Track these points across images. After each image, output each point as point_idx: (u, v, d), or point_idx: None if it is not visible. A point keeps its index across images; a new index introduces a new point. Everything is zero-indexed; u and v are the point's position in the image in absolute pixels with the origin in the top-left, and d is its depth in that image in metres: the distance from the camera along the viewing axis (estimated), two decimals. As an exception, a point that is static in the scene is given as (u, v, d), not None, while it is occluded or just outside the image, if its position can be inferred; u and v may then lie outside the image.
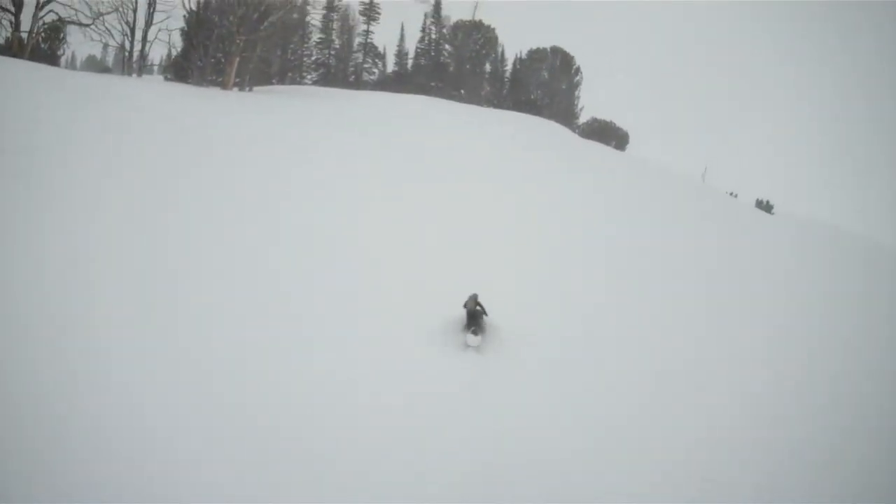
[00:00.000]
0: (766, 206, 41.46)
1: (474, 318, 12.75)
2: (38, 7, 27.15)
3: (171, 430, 8.06)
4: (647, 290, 15.78)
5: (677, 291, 16.14)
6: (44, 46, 28.51)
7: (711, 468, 9.71)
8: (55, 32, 29.03)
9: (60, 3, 28.02)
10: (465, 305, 12.91)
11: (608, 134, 50.00)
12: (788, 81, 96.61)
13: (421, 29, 48.66)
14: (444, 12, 49.93)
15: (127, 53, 30.83)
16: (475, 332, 12.57)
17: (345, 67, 46.40)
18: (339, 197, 16.42)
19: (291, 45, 42.37)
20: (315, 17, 43.61)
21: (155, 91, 22.68)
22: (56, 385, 8.00)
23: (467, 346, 12.48)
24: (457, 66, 47.83)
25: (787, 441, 10.76)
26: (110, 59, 48.43)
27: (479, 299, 12.89)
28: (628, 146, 51.48)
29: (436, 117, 29.67)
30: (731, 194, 40.15)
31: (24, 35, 26.88)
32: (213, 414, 8.55)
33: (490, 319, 12.82)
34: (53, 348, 8.60)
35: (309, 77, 44.77)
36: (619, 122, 52.72)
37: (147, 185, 13.88)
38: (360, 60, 46.69)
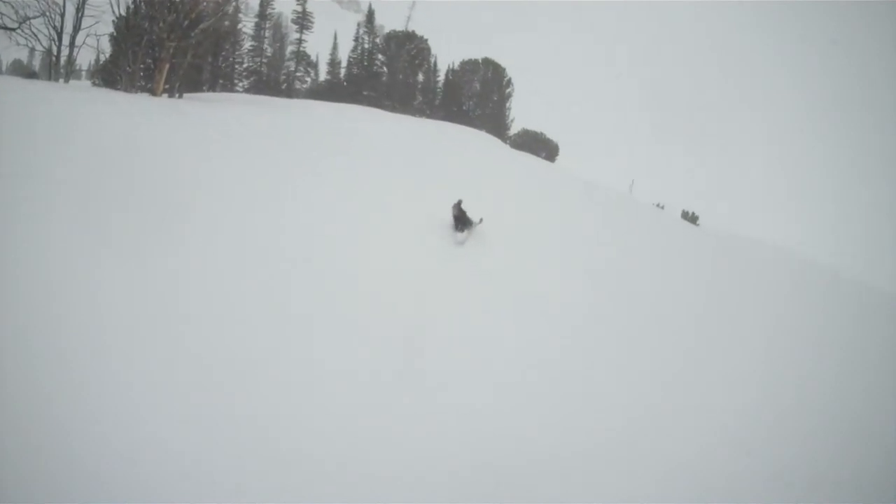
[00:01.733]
0: (691, 218, 43.19)
1: (459, 220, 16.29)
2: (-38, 11, 26.87)
3: (171, 429, 8.20)
4: (636, 294, 16.20)
5: (669, 293, 16.77)
6: (-33, 50, 28.21)
7: (711, 468, 10.09)
8: (-21, 37, 28.62)
9: (-15, 8, 27.71)
10: (451, 210, 16.36)
11: (538, 145, 51.36)
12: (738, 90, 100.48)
13: (354, 38, 49.24)
14: (377, 22, 50.90)
15: (54, 58, 30.51)
16: (460, 230, 16.21)
17: (277, 76, 46.62)
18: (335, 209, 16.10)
19: (223, 53, 42.41)
20: (247, 24, 44.07)
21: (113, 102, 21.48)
22: (56, 384, 8.08)
23: (457, 243, 15.96)
24: (390, 75, 48.72)
25: (786, 440, 11.22)
26: (37, 64, 47.58)
27: (463, 206, 16.36)
28: (558, 157, 53.18)
29: (368, 128, 29.04)
30: (658, 206, 41.59)
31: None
32: (214, 412, 8.72)
33: (472, 216, 16.24)
34: (54, 348, 8.62)
35: (240, 84, 44.77)
36: (550, 134, 54.40)
37: (147, 185, 13.58)
38: (293, 69, 47.02)
